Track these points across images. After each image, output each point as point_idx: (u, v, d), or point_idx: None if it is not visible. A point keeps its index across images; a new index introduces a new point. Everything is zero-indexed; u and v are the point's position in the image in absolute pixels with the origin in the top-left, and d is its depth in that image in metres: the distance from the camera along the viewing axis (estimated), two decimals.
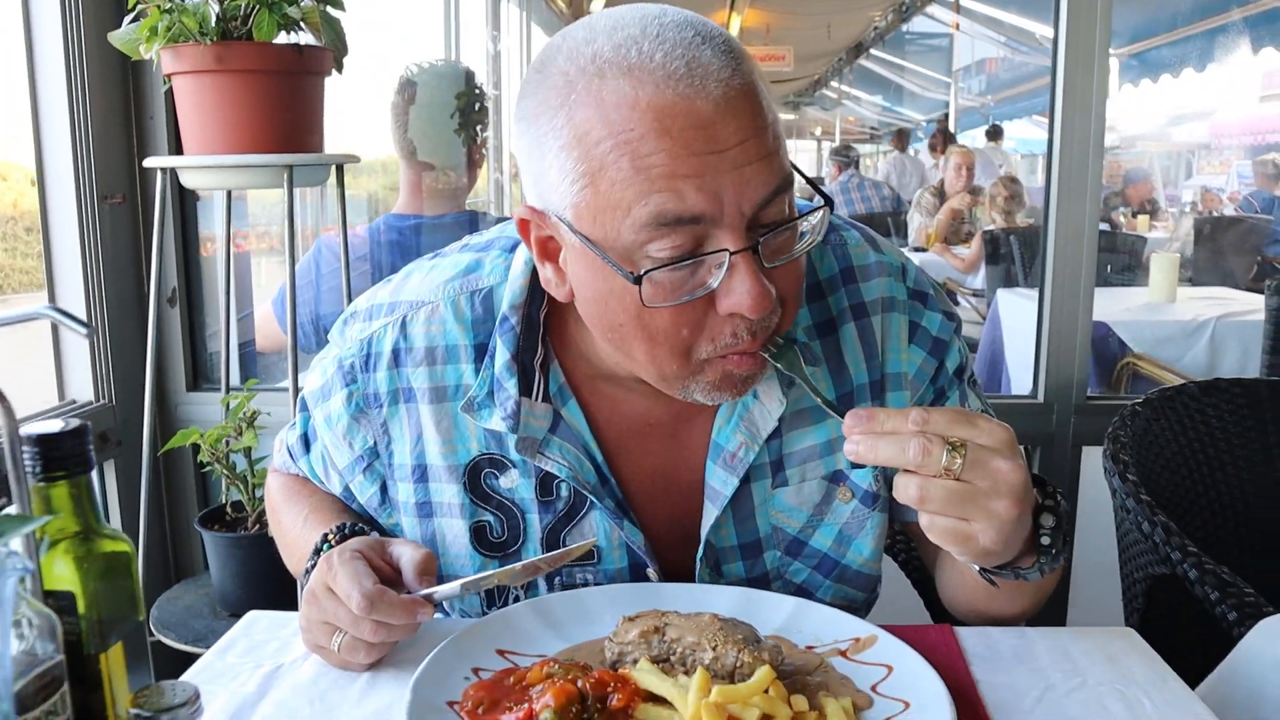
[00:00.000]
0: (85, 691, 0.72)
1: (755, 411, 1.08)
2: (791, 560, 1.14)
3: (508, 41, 6.11)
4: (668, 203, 0.85)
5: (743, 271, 0.88)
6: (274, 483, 1.31)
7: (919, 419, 0.85)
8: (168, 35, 1.77)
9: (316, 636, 1.00)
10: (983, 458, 0.85)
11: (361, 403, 1.13)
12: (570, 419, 1.09)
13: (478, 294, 1.10)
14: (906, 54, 13.52)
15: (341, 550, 1.00)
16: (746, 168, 0.86)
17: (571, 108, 0.88)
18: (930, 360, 1.14)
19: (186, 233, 2.41)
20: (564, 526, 1.11)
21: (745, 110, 0.86)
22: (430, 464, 1.11)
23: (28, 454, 0.69)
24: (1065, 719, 0.93)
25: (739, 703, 0.83)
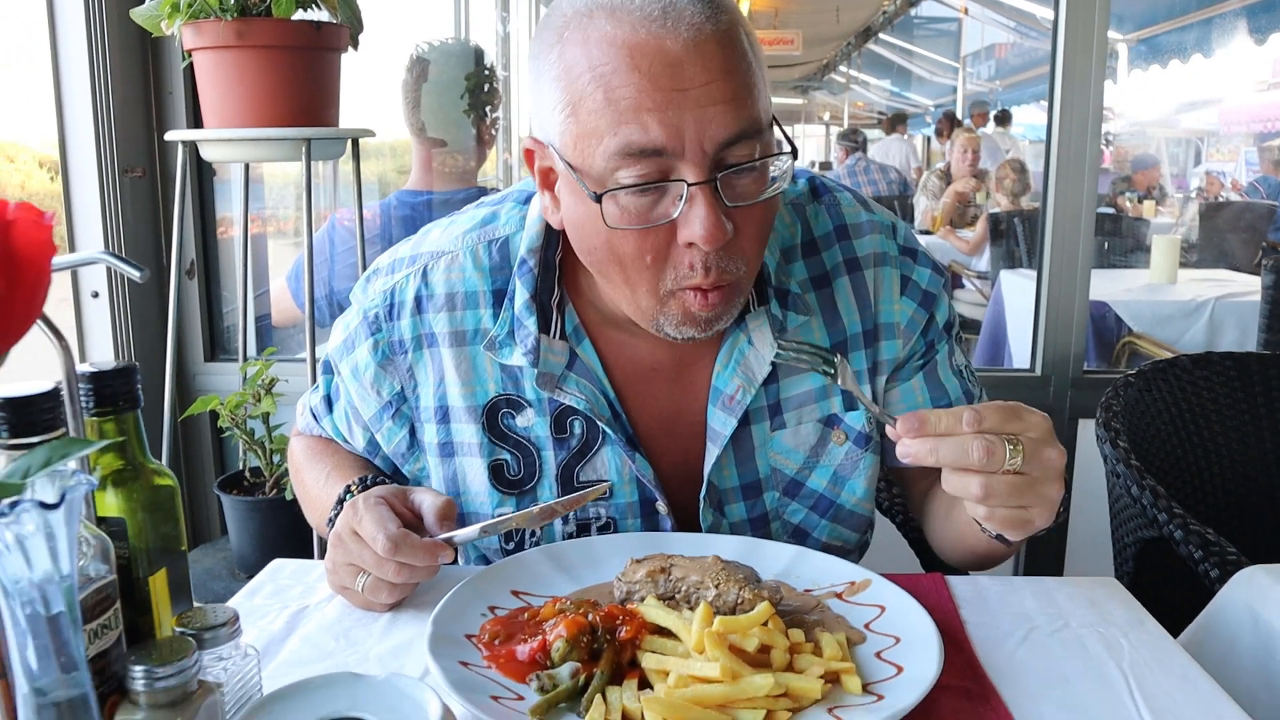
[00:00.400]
0: (134, 612, 0.78)
1: (750, 357, 1.15)
2: (789, 501, 1.21)
3: (516, 23, 6.14)
4: (634, 134, 0.93)
5: (700, 203, 0.94)
6: (297, 445, 1.37)
7: (973, 420, 0.90)
8: (189, 11, 1.82)
9: (342, 578, 1.06)
10: (1035, 449, 0.91)
11: (387, 350, 1.18)
12: (585, 357, 1.15)
13: (495, 243, 1.17)
14: (915, 39, 13.49)
15: (366, 497, 1.05)
16: (710, 108, 0.93)
17: (564, 45, 0.97)
18: (921, 312, 1.20)
19: (204, 209, 2.46)
20: (577, 463, 1.17)
21: (714, 54, 0.93)
22: (451, 405, 1.17)
23: (82, 391, 0.75)
24: (1047, 656, 0.98)
25: (739, 633, 0.88)
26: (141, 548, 0.78)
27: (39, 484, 0.61)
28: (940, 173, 7.05)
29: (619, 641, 0.90)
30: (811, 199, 1.22)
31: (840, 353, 1.10)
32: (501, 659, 0.91)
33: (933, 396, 1.23)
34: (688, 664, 0.86)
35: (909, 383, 1.23)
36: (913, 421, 0.91)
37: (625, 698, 0.84)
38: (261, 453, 2.09)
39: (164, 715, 0.72)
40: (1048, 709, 0.89)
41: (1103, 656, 0.98)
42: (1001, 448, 0.89)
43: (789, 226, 1.20)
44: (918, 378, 1.23)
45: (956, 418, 0.90)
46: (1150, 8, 8.06)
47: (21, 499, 0.57)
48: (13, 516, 0.56)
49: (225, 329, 2.54)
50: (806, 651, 0.91)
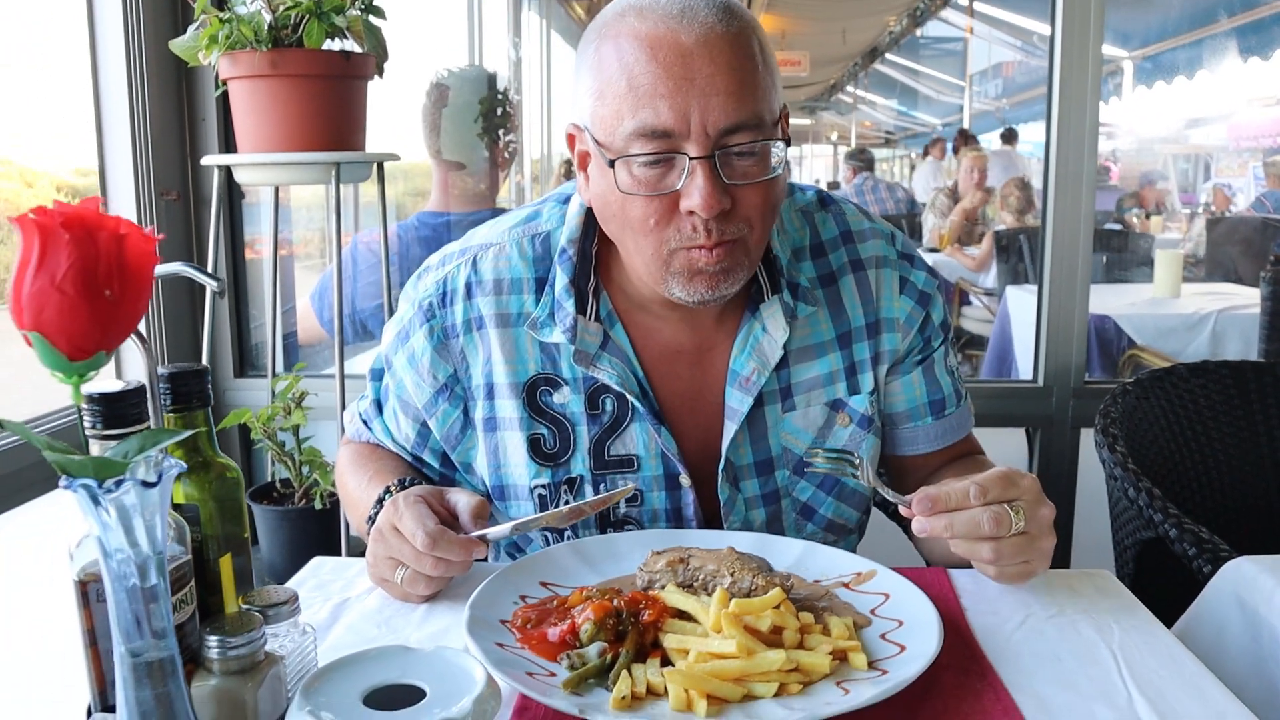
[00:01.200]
0: (205, 592, 0.86)
1: (764, 343, 1.26)
2: (798, 480, 1.31)
3: (528, 49, 6.26)
4: (648, 116, 1.06)
5: (700, 175, 1.06)
6: (344, 453, 1.46)
7: (979, 493, 1.02)
8: (227, 43, 1.92)
9: (381, 571, 1.14)
10: (1032, 510, 1.05)
11: (441, 335, 1.28)
12: (617, 339, 1.26)
13: (538, 236, 1.29)
14: (921, 58, 13.59)
15: (406, 495, 1.13)
16: (714, 97, 1.05)
17: (600, 40, 1.11)
18: (918, 309, 1.32)
19: (234, 230, 2.56)
20: (608, 437, 1.27)
21: (722, 51, 1.06)
22: (495, 382, 1.27)
23: (162, 390, 0.83)
24: (1042, 640, 1.05)
25: (754, 614, 0.96)
26: (212, 533, 0.86)
27: (135, 468, 0.69)
28: (948, 191, 7.13)
29: (642, 624, 0.97)
30: (819, 207, 1.34)
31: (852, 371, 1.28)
32: (534, 640, 0.99)
33: (929, 391, 1.34)
34: (706, 642, 0.93)
35: (908, 376, 1.34)
36: (925, 502, 1.04)
37: (649, 673, 0.91)
38: (291, 464, 2.17)
39: (235, 682, 0.80)
40: (1041, 685, 0.96)
41: (1094, 639, 1.05)
42: (1007, 516, 1.03)
43: (799, 230, 1.31)
44: (916, 372, 1.34)
45: (964, 493, 1.03)
46: (1154, 25, 8.14)
47: (125, 477, 0.65)
48: (118, 493, 0.64)
49: (254, 346, 2.63)
50: (816, 632, 0.98)
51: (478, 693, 0.77)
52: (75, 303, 0.61)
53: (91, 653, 0.79)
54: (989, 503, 1.03)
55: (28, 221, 0.62)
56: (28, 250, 0.61)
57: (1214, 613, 1.25)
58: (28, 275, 0.61)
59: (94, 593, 0.78)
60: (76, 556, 0.78)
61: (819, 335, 1.29)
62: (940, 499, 1.03)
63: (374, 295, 2.74)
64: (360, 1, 2.02)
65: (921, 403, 1.34)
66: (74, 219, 0.60)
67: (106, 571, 0.67)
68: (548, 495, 1.29)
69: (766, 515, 1.31)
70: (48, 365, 0.64)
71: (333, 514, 2.16)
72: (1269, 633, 1.15)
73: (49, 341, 0.62)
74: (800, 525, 1.34)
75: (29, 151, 2.62)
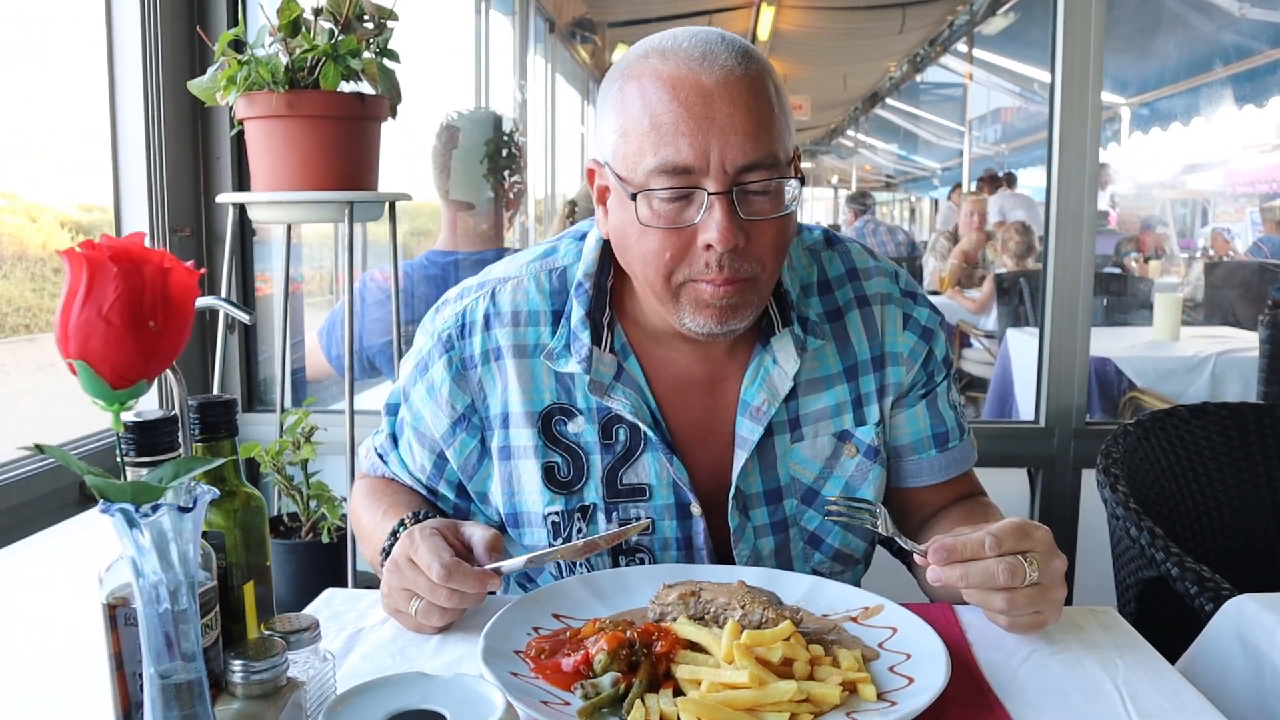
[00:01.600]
0: (229, 618, 0.88)
1: (775, 375, 1.29)
2: (806, 508, 1.33)
3: (534, 91, 6.35)
4: (669, 154, 1.11)
5: (717, 210, 1.11)
6: (359, 487, 1.48)
7: (994, 545, 1.05)
8: (245, 84, 1.97)
9: (396, 602, 1.15)
10: (1045, 561, 1.07)
11: (460, 366, 1.31)
12: (630, 371, 1.30)
13: (554, 271, 1.32)
14: (921, 103, 13.74)
15: (422, 528, 1.15)
16: (733, 136, 1.10)
17: (624, 80, 1.16)
18: (921, 344, 1.36)
19: (245, 267, 2.60)
20: (621, 466, 1.29)
21: (741, 94, 1.11)
22: (511, 411, 1.30)
23: (191, 420, 0.85)
24: (1048, 675, 1.07)
25: (764, 645, 0.97)
26: (236, 561, 0.88)
27: (170, 493, 0.71)
28: (948, 234, 7.19)
29: (655, 655, 0.99)
30: (826, 246, 1.39)
31: (859, 403, 1.33)
32: (548, 670, 1.00)
33: (933, 424, 1.38)
34: (718, 673, 0.95)
35: (913, 409, 1.37)
36: (941, 552, 1.06)
37: (662, 702, 0.93)
38: (299, 498, 2.19)
39: (258, 706, 0.81)
40: (1047, 718, 0.97)
41: (1099, 674, 1.07)
42: (1022, 567, 1.05)
43: (806, 268, 1.36)
44: (920, 405, 1.37)
45: (979, 544, 1.05)
46: (1151, 73, 8.25)
47: (161, 502, 0.67)
48: (154, 517, 0.67)
49: (262, 380, 2.66)
50: (826, 664, 1.00)
51: (497, 717, 0.78)
52: (121, 333, 0.64)
53: (118, 675, 0.80)
54: (1004, 554, 1.05)
55: (75, 255, 0.65)
56: (75, 282, 0.64)
57: (1216, 650, 1.26)
58: (75, 306, 0.64)
59: (122, 616, 0.80)
60: (105, 580, 0.80)
61: (826, 368, 1.32)
62: (956, 549, 1.06)
63: (382, 332, 2.77)
64: (375, 45, 2.07)
65: (925, 435, 1.37)
66: (121, 253, 0.63)
67: (139, 594, 0.69)
68: (561, 522, 1.31)
69: (775, 544, 1.33)
70: (90, 393, 0.66)
71: (340, 548, 2.17)
72: (1271, 670, 1.16)
73: (93, 370, 0.65)
74: (808, 554, 1.35)
75: (34, 187, 2.66)
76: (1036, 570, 1.05)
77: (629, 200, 1.14)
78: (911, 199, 18.35)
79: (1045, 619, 1.10)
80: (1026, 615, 1.08)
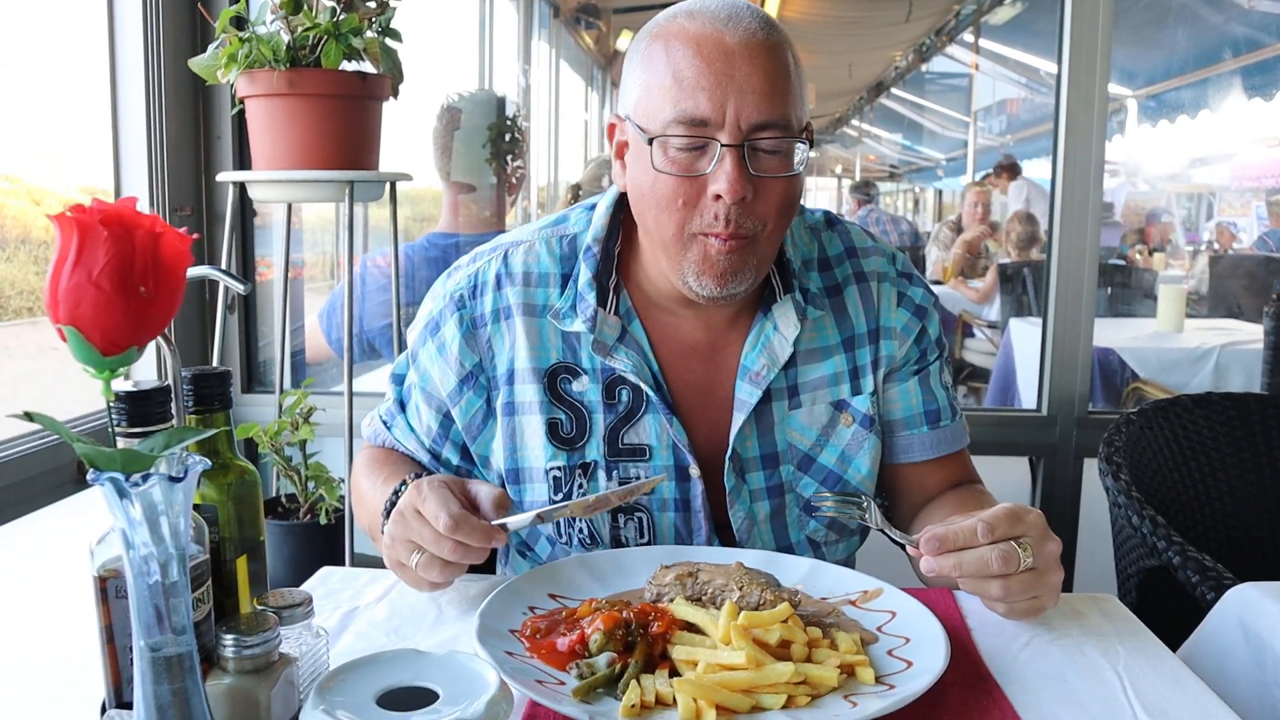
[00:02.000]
0: (221, 592, 0.87)
1: (775, 341, 1.32)
2: (802, 475, 1.36)
3: (537, 76, 6.32)
4: (688, 106, 1.15)
5: (728, 162, 1.15)
6: (360, 457, 1.48)
7: (986, 531, 1.04)
8: (246, 62, 1.95)
9: (399, 553, 1.13)
10: (1039, 546, 1.06)
11: (470, 324, 1.34)
12: (634, 334, 1.33)
13: (565, 238, 1.37)
14: (926, 93, 13.68)
15: (430, 480, 1.15)
16: (749, 94, 1.15)
17: (651, 39, 1.21)
18: (915, 320, 1.39)
19: (245, 249, 2.58)
20: (623, 426, 1.32)
21: (760, 56, 1.16)
22: (518, 368, 1.33)
23: (185, 391, 0.84)
24: (1048, 660, 1.06)
25: (762, 627, 0.96)
26: (229, 535, 0.87)
27: (161, 463, 0.70)
28: (951, 224, 7.16)
29: (651, 635, 0.98)
30: (826, 227, 1.43)
31: (855, 374, 1.34)
32: (543, 650, 0.99)
33: (924, 400, 1.40)
34: (715, 654, 0.94)
35: (904, 385, 1.40)
36: (933, 542, 1.05)
37: (658, 683, 0.92)
38: (297, 479, 2.18)
39: (249, 681, 0.81)
40: (1047, 704, 0.96)
41: (1099, 660, 1.06)
42: (1015, 553, 1.04)
43: (808, 245, 1.40)
44: (912, 381, 1.40)
45: (971, 532, 1.05)
46: (1159, 65, 8.21)
47: (152, 472, 0.66)
48: (145, 487, 0.66)
49: (261, 363, 2.65)
50: (824, 646, 0.99)
51: (490, 695, 0.77)
52: (111, 298, 0.62)
53: (108, 649, 0.80)
54: (996, 540, 1.04)
55: (66, 219, 0.63)
56: (65, 246, 0.63)
57: (1218, 638, 1.25)
58: (65, 270, 0.63)
59: (113, 589, 0.79)
60: (97, 553, 0.80)
61: (825, 340, 1.36)
62: (948, 538, 1.05)
63: (382, 315, 2.76)
64: (377, 24, 2.05)
65: (917, 412, 1.40)
66: (112, 216, 0.62)
67: (129, 565, 0.68)
68: (562, 478, 1.33)
69: (771, 508, 1.35)
70: (81, 359, 0.65)
71: (338, 529, 2.16)
72: (1272, 658, 1.16)
73: (83, 336, 0.63)
74: (803, 521, 1.37)
75: (36, 169, 2.65)
76: (1030, 555, 1.05)
77: (646, 146, 1.18)
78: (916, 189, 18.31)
79: (1043, 604, 1.10)
80: (1024, 601, 1.08)
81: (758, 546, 1.34)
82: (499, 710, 0.77)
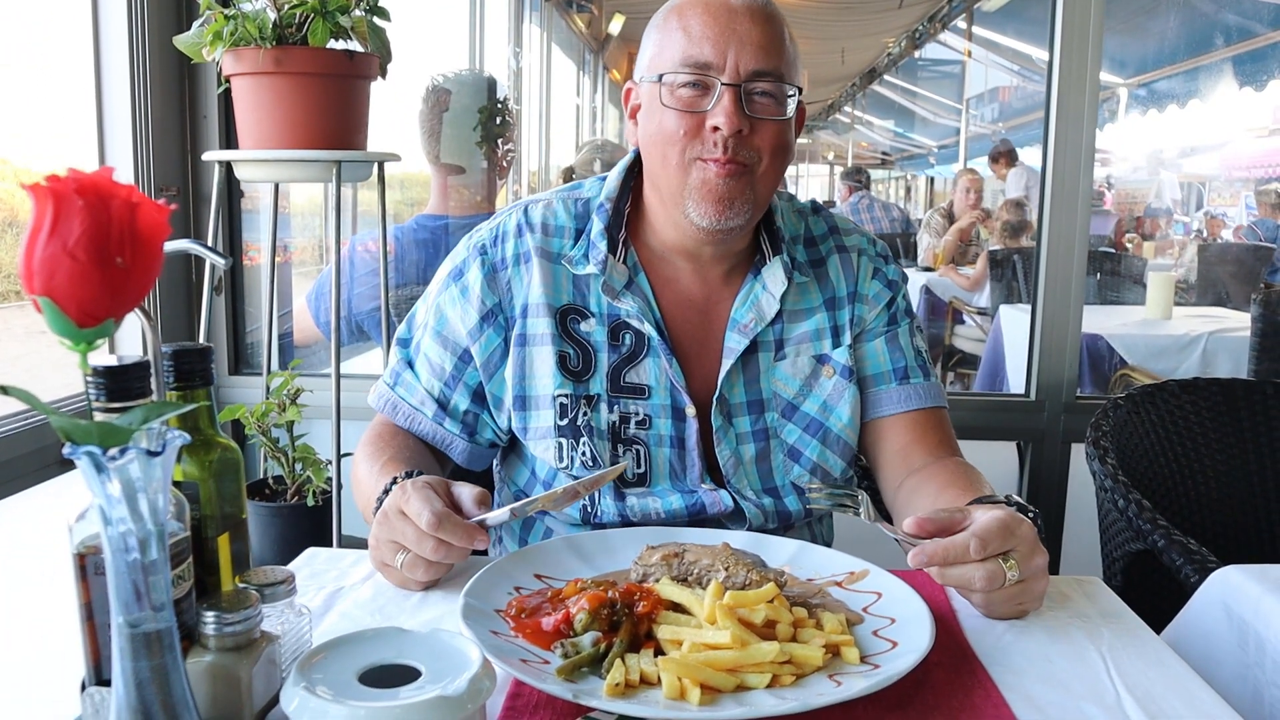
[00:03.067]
0: (202, 570, 0.86)
1: (763, 300, 1.44)
2: (786, 422, 1.45)
3: (529, 59, 6.29)
4: (694, 52, 1.31)
5: (726, 99, 1.30)
6: (367, 434, 1.49)
7: (979, 548, 1.04)
8: (231, 39, 1.93)
9: (383, 553, 1.15)
10: (1027, 559, 1.07)
11: (492, 268, 1.45)
12: (639, 284, 1.45)
13: (579, 200, 1.49)
14: (919, 80, 13.67)
15: (415, 481, 1.17)
16: (749, 46, 1.31)
17: (668, 11, 1.38)
18: (886, 291, 1.52)
19: (232, 230, 2.56)
20: (625, 365, 1.42)
21: (760, 17, 1.33)
22: (532, 303, 1.43)
23: (165, 367, 0.84)
24: (1033, 641, 1.06)
25: (747, 606, 0.96)
26: (211, 512, 0.87)
27: (139, 436, 0.69)
28: (943, 211, 7.16)
29: (636, 615, 0.98)
30: (812, 212, 1.56)
31: (836, 331, 1.47)
32: (528, 629, 0.99)
33: (892, 358, 1.50)
34: (700, 634, 0.94)
35: (873, 343, 1.51)
36: (921, 556, 1.06)
37: (643, 662, 0.92)
38: (284, 461, 2.17)
39: (230, 658, 0.80)
40: (1031, 684, 0.97)
41: (1083, 641, 1.06)
42: (1000, 572, 1.05)
43: (796, 225, 1.52)
44: (880, 340, 1.51)
45: (963, 548, 1.05)
46: (1150, 53, 8.21)
47: (129, 446, 0.65)
48: (122, 461, 0.65)
49: (249, 345, 2.63)
50: (809, 626, 0.99)
51: (472, 672, 0.77)
52: (86, 269, 0.62)
53: (88, 626, 0.79)
54: (987, 557, 1.04)
55: (41, 189, 0.62)
56: (40, 216, 0.62)
57: (1201, 620, 1.26)
58: (40, 240, 0.62)
59: (92, 566, 0.78)
60: (76, 530, 0.79)
61: (809, 301, 1.48)
62: (937, 554, 1.05)
63: (371, 298, 2.74)
64: (365, 2, 2.03)
65: (887, 369, 1.50)
66: (88, 186, 0.61)
67: (107, 541, 0.68)
68: (568, 404, 1.41)
69: (756, 451, 1.44)
70: (56, 331, 0.64)
71: (325, 510, 2.16)
72: (1255, 640, 1.16)
73: (59, 307, 0.63)
74: (788, 467, 1.45)
75: (25, 152, 2.63)
76: (1016, 571, 1.05)
77: (656, 86, 1.33)
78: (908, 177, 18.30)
79: (1026, 609, 1.12)
80: (1005, 606, 1.09)
81: (744, 485, 1.42)
82: (481, 687, 0.77)
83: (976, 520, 1.07)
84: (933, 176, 16.67)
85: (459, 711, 0.74)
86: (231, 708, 0.80)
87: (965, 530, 1.06)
